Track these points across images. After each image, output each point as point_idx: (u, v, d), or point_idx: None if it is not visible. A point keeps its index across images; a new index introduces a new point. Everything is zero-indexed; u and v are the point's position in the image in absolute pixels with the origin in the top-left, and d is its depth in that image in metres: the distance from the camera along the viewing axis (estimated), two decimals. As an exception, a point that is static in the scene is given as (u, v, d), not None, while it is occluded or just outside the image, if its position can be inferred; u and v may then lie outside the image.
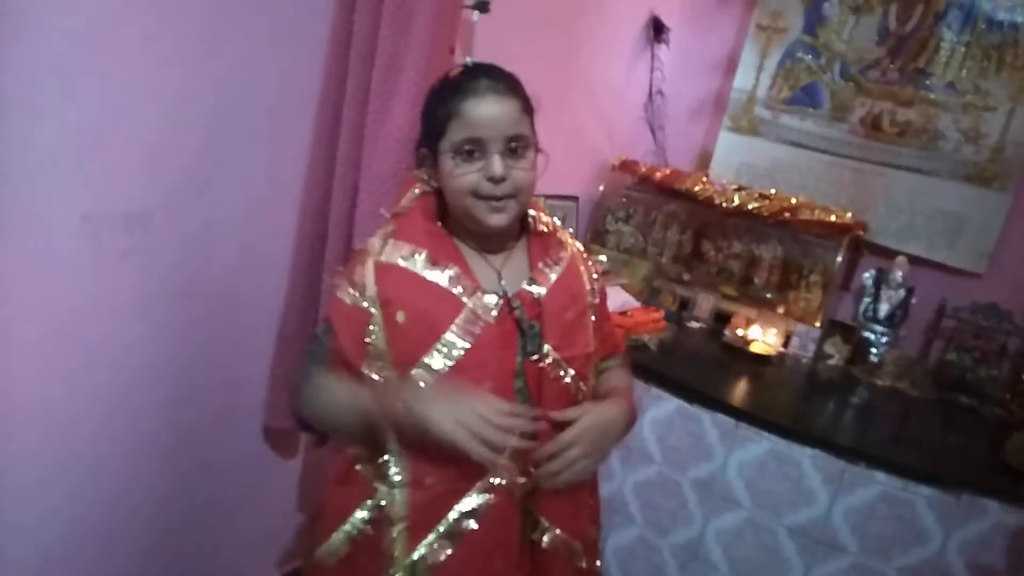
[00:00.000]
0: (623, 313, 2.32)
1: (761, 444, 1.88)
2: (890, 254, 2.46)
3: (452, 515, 1.08)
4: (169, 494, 1.66)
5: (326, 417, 1.17)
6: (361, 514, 1.13)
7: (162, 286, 1.49)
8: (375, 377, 1.11)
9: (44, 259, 1.29)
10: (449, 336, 1.08)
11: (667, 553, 2.03)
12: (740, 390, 2.13)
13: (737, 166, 2.93)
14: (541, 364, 1.13)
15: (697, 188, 2.71)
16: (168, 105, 1.39)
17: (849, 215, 2.51)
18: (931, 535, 1.74)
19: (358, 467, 1.15)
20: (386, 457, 1.10)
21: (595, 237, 2.94)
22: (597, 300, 1.27)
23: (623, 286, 2.55)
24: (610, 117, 2.92)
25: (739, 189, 2.68)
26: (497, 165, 1.07)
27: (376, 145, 1.54)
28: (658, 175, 2.80)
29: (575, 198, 2.83)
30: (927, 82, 2.55)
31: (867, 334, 2.38)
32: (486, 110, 1.07)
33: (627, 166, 2.90)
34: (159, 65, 1.35)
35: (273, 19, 1.51)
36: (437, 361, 1.08)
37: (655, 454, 2.04)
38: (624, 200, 2.91)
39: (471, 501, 1.08)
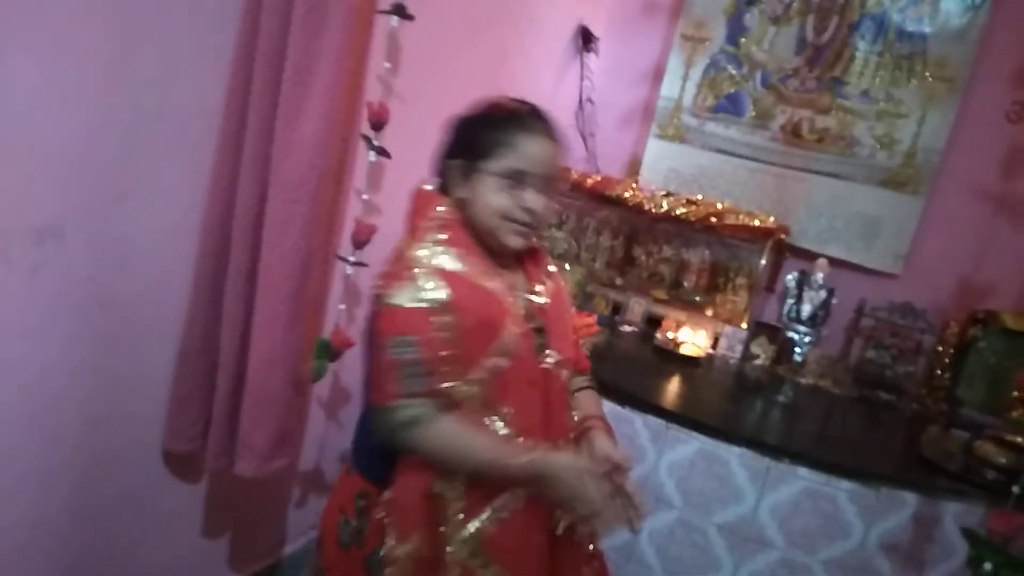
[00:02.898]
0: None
1: (691, 444, 1.91)
2: (811, 256, 2.54)
3: (499, 501, 1.14)
4: (88, 516, 1.59)
5: (450, 460, 1.14)
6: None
7: (76, 302, 1.42)
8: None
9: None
10: (507, 338, 1.16)
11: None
12: (671, 392, 2.16)
13: (665, 172, 2.99)
14: (545, 365, 1.23)
15: (627, 194, 2.76)
16: (81, 112, 1.32)
17: (772, 219, 2.59)
18: (853, 528, 1.79)
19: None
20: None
21: (528, 244, 2.95)
22: (572, 310, 1.42)
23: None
24: (541, 125, 2.93)
25: (667, 195, 2.74)
26: (535, 200, 1.19)
27: (287, 151, 1.47)
28: (589, 182, 2.84)
29: (508, 205, 2.84)
30: (843, 90, 2.65)
31: (791, 334, 2.45)
32: (540, 150, 1.19)
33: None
34: (72, 70, 1.29)
35: (194, 20, 1.46)
36: (499, 361, 1.15)
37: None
38: (557, 206, 2.93)
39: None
